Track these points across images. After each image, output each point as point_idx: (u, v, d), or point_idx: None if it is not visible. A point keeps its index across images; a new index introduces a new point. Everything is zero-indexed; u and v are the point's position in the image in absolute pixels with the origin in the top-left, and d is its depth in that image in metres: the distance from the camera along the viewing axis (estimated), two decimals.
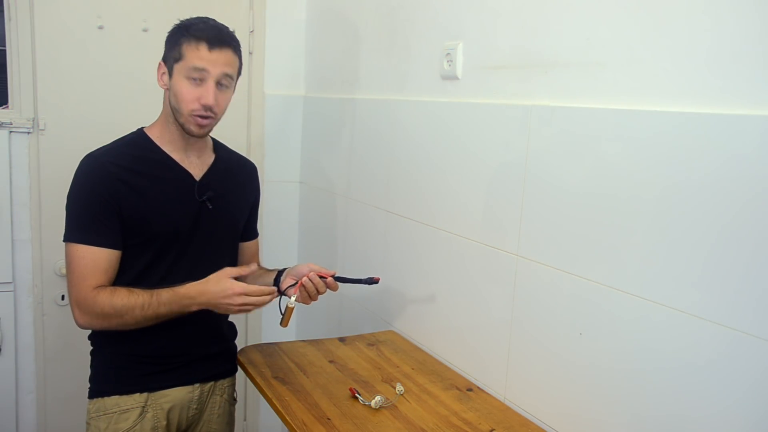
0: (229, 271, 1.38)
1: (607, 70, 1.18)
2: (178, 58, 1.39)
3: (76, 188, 1.41)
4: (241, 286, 1.36)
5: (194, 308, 1.38)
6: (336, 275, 1.46)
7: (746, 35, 0.95)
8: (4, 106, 2.13)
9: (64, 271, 2.15)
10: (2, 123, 2.06)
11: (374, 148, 1.95)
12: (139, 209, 1.40)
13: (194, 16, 1.45)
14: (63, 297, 2.21)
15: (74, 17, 2.12)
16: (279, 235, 2.50)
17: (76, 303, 1.38)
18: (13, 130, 2.08)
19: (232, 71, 1.43)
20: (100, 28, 2.15)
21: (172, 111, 1.43)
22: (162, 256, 1.45)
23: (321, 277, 1.45)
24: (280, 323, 1.44)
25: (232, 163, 1.60)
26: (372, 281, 1.47)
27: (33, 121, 2.10)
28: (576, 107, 1.24)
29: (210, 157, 1.54)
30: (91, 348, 1.52)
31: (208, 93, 1.38)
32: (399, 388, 1.43)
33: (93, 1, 2.13)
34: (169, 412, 1.49)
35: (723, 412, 0.98)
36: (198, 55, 1.37)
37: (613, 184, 1.15)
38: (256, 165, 1.65)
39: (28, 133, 2.10)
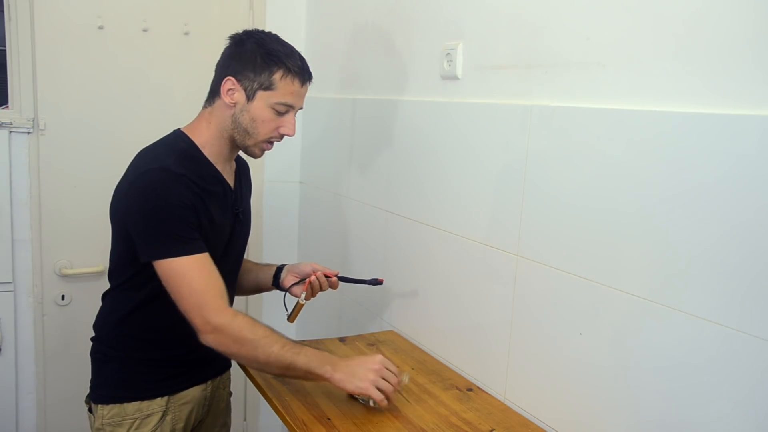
0: (382, 359, 1.33)
1: (607, 70, 1.18)
2: (268, 87, 1.37)
3: (160, 201, 1.31)
4: (384, 386, 1.30)
5: (323, 376, 1.31)
6: (340, 275, 1.47)
7: (746, 35, 0.95)
8: (4, 106, 2.14)
9: (64, 271, 2.17)
10: (2, 123, 2.06)
11: (374, 148, 1.95)
12: (205, 226, 1.37)
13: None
14: (63, 297, 2.21)
15: (74, 17, 2.12)
16: (279, 235, 2.50)
17: (205, 320, 1.29)
18: (13, 130, 2.08)
19: None
20: (100, 28, 2.15)
21: (236, 129, 1.40)
22: None
23: (325, 276, 1.46)
24: (288, 319, 1.49)
25: (241, 166, 1.61)
26: (376, 282, 1.48)
27: (33, 121, 2.10)
28: (576, 107, 1.24)
29: (233, 165, 1.54)
30: (103, 351, 1.49)
31: (291, 125, 1.41)
32: (404, 378, 1.41)
33: (93, 1, 2.13)
34: (187, 411, 1.50)
35: (723, 412, 0.98)
36: (292, 90, 1.38)
37: (613, 184, 1.15)
38: (257, 165, 1.66)
39: (28, 133, 2.10)
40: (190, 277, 1.30)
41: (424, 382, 1.51)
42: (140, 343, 1.44)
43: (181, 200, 1.31)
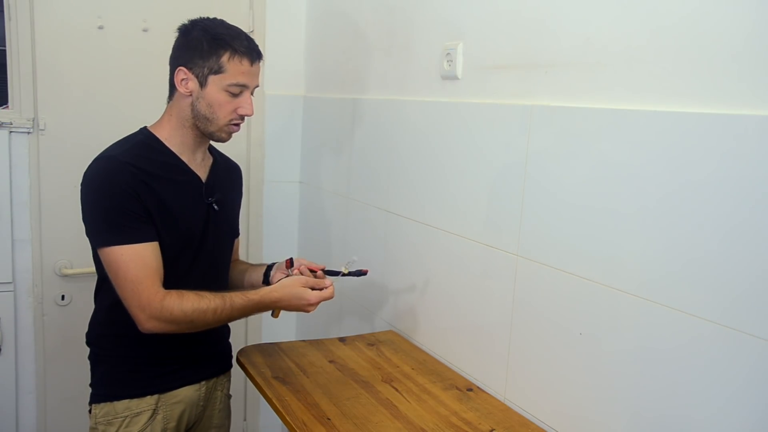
0: (303, 280, 1.43)
1: (607, 70, 1.18)
2: (217, 71, 1.38)
3: (102, 189, 1.34)
4: (315, 297, 1.42)
5: (269, 309, 1.45)
6: (325, 269, 1.49)
7: (746, 35, 0.95)
8: (4, 106, 2.14)
9: (64, 271, 2.17)
10: (2, 123, 2.06)
11: (374, 148, 1.95)
12: (160, 213, 1.38)
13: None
14: (63, 297, 2.21)
15: (74, 17, 2.12)
16: (279, 235, 2.50)
17: (140, 309, 1.32)
18: (13, 130, 2.08)
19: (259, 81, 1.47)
20: (100, 28, 2.15)
21: (196, 117, 1.42)
22: (177, 260, 1.43)
23: (311, 271, 1.50)
24: (272, 314, 1.50)
25: (227, 164, 1.62)
26: (360, 273, 1.51)
27: (33, 121, 2.10)
28: (576, 107, 1.24)
29: (209, 159, 1.55)
30: (95, 352, 1.50)
31: (247, 104, 1.42)
32: (352, 259, 1.52)
33: (93, 1, 2.13)
34: (179, 411, 1.50)
35: (723, 412, 0.98)
36: (241, 70, 1.39)
37: (613, 184, 1.15)
38: (257, 165, 1.66)
39: (28, 133, 2.10)
40: (126, 266, 1.32)
41: (424, 382, 1.51)
42: (124, 340, 1.44)
43: (121, 188, 1.33)
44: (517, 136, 1.38)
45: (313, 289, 1.42)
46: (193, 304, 1.33)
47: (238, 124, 1.45)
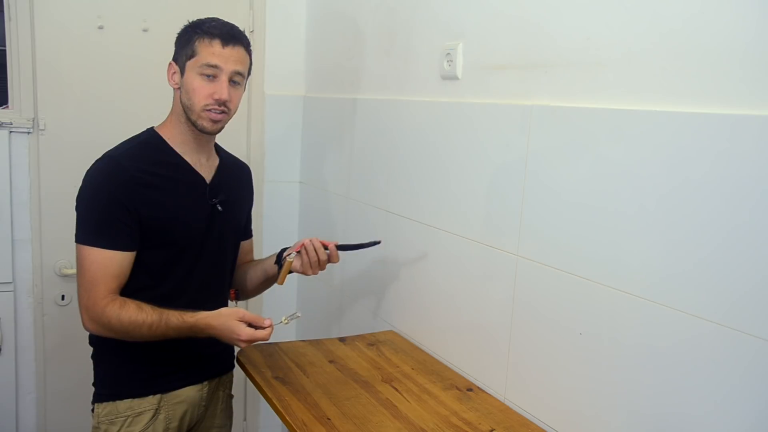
0: (241, 313, 1.34)
1: (607, 70, 1.18)
2: (191, 55, 1.39)
3: (93, 189, 1.37)
4: (247, 334, 1.32)
5: (201, 336, 1.37)
6: (338, 244, 1.50)
7: (746, 35, 0.95)
8: (4, 106, 2.14)
9: (64, 271, 2.18)
10: (2, 123, 2.06)
11: (374, 148, 1.95)
12: (159, 213, 1.39)
13: (195, 16, 1.45)
14: (63, 297, 2.21)
15: (74, 17, 2.12)
16: (279, 235, 2.49)
17: (85, 308, 1.36)
18: (13, 130, 2.08)
19: (244, 69, 1.44)
20: (100, 28, 2.15)
21: (184, 109, 1.42)
22: (179, 260, 1.44)
23: (324, 247, 1.50)
24: (276, 281, 1.53)
25: (234, 166, 1.62)
26: (374, 243, 1.53)
27: (33, 121, 2.10)
28: (576, 107, 1.24)
29: (215, 160, 1.55)
30: (97, 351, 1.51)
31: (221, 88, 1.39)
32: (292, 316, 1.41)
33: (93, 1, 2.13)
34: (181, 411, 1.50)
35: (722, 412, 0.98)
36: (211, 51, 1.38)
37: (613, 184, 1.15)
38: (257, 165, 1.66)
39: (28, 133, 2.10)
40: (88, 267, 1.35)
41: (424, 382, 1.51)
42: (127, 340, 1.43)
43: (111, 191, 1.35)
44: (517, 136, 1.38)
45: (250, 325, 1.33)
46: (131, 316, 1.33)
47: (217, 111, 1.41)
